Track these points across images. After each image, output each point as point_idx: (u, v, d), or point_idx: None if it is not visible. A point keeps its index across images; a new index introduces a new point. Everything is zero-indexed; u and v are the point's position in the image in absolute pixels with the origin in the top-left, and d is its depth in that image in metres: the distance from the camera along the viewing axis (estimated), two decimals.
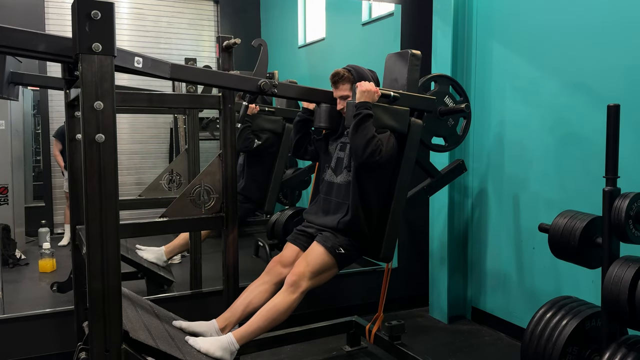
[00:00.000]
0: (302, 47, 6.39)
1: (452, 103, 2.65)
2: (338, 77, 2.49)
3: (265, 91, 2.21)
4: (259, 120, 4.00)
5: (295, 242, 2.59)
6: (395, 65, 2.60)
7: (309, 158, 2.83)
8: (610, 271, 1.89)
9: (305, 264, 2.36)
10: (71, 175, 2.39)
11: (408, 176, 2.47)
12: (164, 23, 6.91)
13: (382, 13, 4.74)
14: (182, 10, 7.02)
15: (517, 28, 3.26)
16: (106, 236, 1.62)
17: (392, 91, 2.39)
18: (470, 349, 3.22)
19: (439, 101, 2.61)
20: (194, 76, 2.10)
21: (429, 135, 2.66)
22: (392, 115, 2.37)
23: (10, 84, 3.09)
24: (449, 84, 2.68)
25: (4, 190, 4.89)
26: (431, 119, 2.61)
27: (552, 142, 3.04)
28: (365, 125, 2.27)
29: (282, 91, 2.28)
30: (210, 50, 7.20)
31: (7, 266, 4.67)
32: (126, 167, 6.57)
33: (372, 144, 2.25)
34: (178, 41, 6.98)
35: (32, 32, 1.68)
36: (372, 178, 2.40)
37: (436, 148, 2.76)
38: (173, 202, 2.78)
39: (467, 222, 3.67)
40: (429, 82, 2.65)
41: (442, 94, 2.63)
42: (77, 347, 1.93)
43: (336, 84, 2.49)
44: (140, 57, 1.83)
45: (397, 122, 2.39)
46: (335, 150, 2.61)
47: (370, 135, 2.26)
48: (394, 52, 2.72)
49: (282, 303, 2.27)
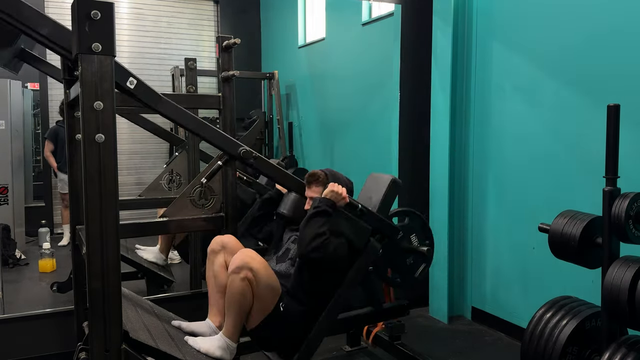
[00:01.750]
0: (302, 47, 6.39)
1: (417, 243, 2.60)
2: (313, 179, 2.44)
3: (244, 159, 2.18)
4: None
5: None
6: (374, 185, 2.56)
7: (261, 238, 2.77)
8: (610, 271, 1.89)
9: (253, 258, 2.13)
10: (71, 175, 2.39)
11: (347, 294, 2.33)
12: (164, 23, 6.91)
13: (382, 13, 4.75)
14: (182, 10, 7.02)
15: (517, 28, 3.26)
16: (106, 236, 1.62)
17: (360, 204, 2.34)
18: (470, 349, 3.22)
19: (405, 236, 2.56)
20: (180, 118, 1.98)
21: (385, 265, 2.56)
22: (352, 226, 2.32)
23: (15, 58, 3.13)
24: (421, 225, 2.64)
25: (4, 190, 4.89)
26: (392, 250, 2.53)
27: (552, 142, 3.04)
28: (319, 219, 2.20)
29: (259, 165, 2.23)
30: (210, 50, 7.21)
31: (7, 266, 4.67)
32: (126, 167, 6.57)
33: (319, 240, 2.15)
34: (178, 41, 6.98)
35: (39, 12, 1.70)
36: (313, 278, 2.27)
37: (388, 279, 2.63)
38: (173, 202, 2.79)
39: (467, 221, 3.67)
40: (401, 214, 2.59)
41: (410, 230, 2.59)
42: (77, 347, 1.93)
43: (310, 184, 2.44)
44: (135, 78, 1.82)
45: (355, 236, 2.33)
46: (288, 240, 2.56)
47: (321, 230, 2.17)
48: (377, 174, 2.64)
49: (234, 291, 2.12)
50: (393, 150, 3.91)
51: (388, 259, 2.54)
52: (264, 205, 2.75)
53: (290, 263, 2.43)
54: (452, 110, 3.58)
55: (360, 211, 2.34)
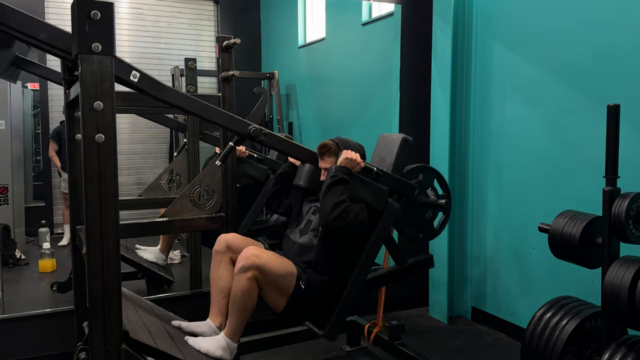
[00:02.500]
0: (302, 47, 6.39)
1: (434, 196, 2.60)
2: (325, 149, 2.46)
3: (254, 137, 2.18)
4: (244, 165, 3.87)
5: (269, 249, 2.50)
6: (385, 146, 2.57)
7: (282, 212, 2.76)
8: (610, 271, 1.89)
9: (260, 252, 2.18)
10: (71, 175, 2.39)
11: (373, 256, 2.37)
12: (164, 23, 6.91)
13: (382, 13, 4.74)
14: (182, 10, 7.02)
15: (517, 28, 3.26)
16: (106, 236, 1.62)
17: (375, 167, 2.36)
18: (470, 349, 3.22)
19: (421, 192, 2.56)
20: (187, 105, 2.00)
21: (405, 222, 2.57)
22: (370, 190, 2.33)
23: (12, 66, 3.12)
24: (435, 178, 2.64)
25: (4, 190, 4.89)
26: (410, 206, 2.54)
27: (552, 141, 3.04)
28: (338, 187, 2.22)
29: (270, 141, 2.24)
30: (210, 50, 7.20)
31: (7, 266, 4.67)
32: (126, 167, 6.57)
33: (340, 208, 2.18)
34: (178, 41, 6.98)
35: (35, 18, 1.69)
36: (337, 246, 2.31)
37: (410, 236, 2.63)
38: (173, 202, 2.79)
39: (466, 221, 3.67)
40: (415, 171, 2.59)
41: (426, 185, 2.59)
42: (77, 347, 1.93)
43: (322, 155, 2.46)
44: (137, 71, 1.82)
45: (374, 199, 2.34)
46: (308, 212, 2.57)
47: (341, 199, 2.20)
48: (388, 133, 2.66)
49: (239, 290, 2.15)
50: None
51: (408, 217, 2.56)
52: (279, 179, 2.72)
53: (313, 234, 2.44)
54: (452, 110, 3.57)
55: (376, 174, 2.36)
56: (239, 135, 2.21)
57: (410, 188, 2.49)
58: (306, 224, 2.53)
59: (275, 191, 2.71)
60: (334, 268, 2.31)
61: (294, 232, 2.54)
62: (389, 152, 2.52)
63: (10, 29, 1.65)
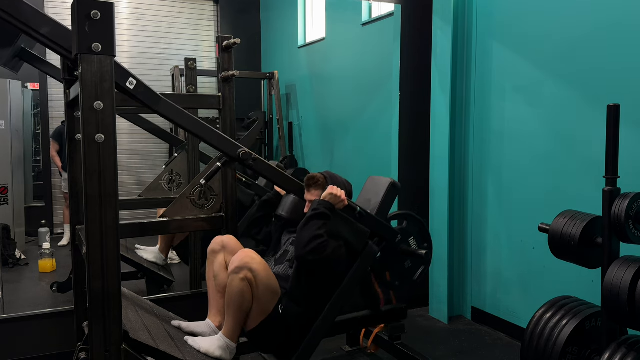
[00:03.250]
0: (302, 47, 6.39)
1: (415, 246, 2.59)
2: (312, 182, 2.43)
3: (242, 161, 2.18)
4: None
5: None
6: (373, 188, 2.55)
7: (260, 239, 2.77)
8: (610, 271, 1.89)
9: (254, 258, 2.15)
10: (71, 175, 2.39)
11: (346, 296, 2.33)
12: (164, 23, 6.91)
13: (382, 13, 4.75)
14: (182, 10, 7.02)
15: (517, 28, 3.26)
16: (106, 236, 1.62)
17: (359, 207, 2.34)
18: (470, 349, 3.22)
19: (403, 239, 2.56)
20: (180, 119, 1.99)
21: (383, 268, 2.56)
22: (350, 229, 2.32)
23: (15, 57, 3.12)
24: (419, 228, 2.63)
25: (4, 190, 4.89)
26: (390, 252, 2.53)
27: (552, 141, 3.04)
28: (317, 222, 2.19)
29: (258, 167, 2.23)
30: (210, 50, 7.21)
31: (7, 266, 4.67)
32: (126, 167, 6.57)
33: (317, 242, 2.14)
34: (178, 41, 6.98)
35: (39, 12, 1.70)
36: (311, 280, 2.28)
37: (386, 282, 2.61)
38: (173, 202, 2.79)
39: (467, 221, 3.67)
40: (400, 217, 2.59)
41: (409, 234, 2.58)
42: (77, 347, 1.93)
43: (309, 187, 2.43)
44: (135, 79, 1.82)
45: (354, 238, 2.32)
46: (287, 242, 2.57)
47: (319, 233, 2.16)
48: (376, 175, 2.65)
49: (234, 291, 2.14)
50: (393, 150, 3.91)
51: (386, 262, 2.53)
52: (263, 207, 2.76)
53: (289, 265, 2.43)
54: (452, 110, 3.58)
55: (359, 214, 2.33)
56: (228, 157, 2.21)
57: (391, 233, 2.46)
58: (282, 253, 2.52)
59: (258, 217, 2.74)
60: (308, 301, 2.27)
61: (270, 262, 2.50)
62: (376, 194, 2.50)
63: (16, 20, 1.65)
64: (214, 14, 7.25)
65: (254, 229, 2.74)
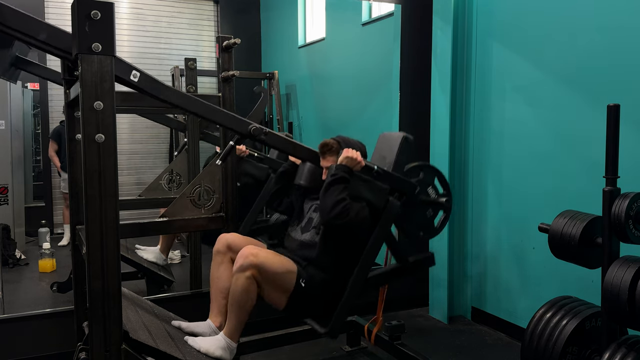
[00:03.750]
0: (302, 47, 6.39)
1: (435, 195, 2.60)
2: (326, 148, 2.46)
3: (255, 136, 2.18)
4: (245, 165, 3.88)
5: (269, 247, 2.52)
6: (386, 144, 2.57)
7: (283, 210, 2.78)
8: (610, 271, 1.89)
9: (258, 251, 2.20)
10: (71, 175, 2.39)
11: (374, 254, 2.37)
12: (164, 23, 6.91)
13: (382, 13, 4.75)
14: (182, 10, 7.02)
15: (517, 28, 3.26)
16: (106, 236, 1.62)
17: (376, 166, 2.36)
18: (470, 349, 3.22)
19: (422, 190, 2.56)
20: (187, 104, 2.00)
21: (405, 220, 2.56)
22: (370, 188, 2.34)
23: (12, 66, 3.11)
24: (435, 176, 2.63)
25: (4, 190, 4.89)
26: (410, 205, 2.53)
27: (552, 141, 3.04)
28: (338, 186, 2.23)
29: (270, 140, 2.24)
30: (210, 50, 7.20)
31: (7, 266, 4.67)
32: (126, 167, 6.57)
33: (340, 206, 2.19)
34: (178, 41, 6.98)
35: (35, 18, 1.69)
36: (338, 244, 2.33)
37: (411, 234, 2.63)
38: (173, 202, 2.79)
39: (467, 221, 3.67)
40: (416, 169, 2.59)
41: (427, 184, 2.58)
42: (77, 347, 1.94)
43: (323, 154, 2.46)
44: (138, 71, 1.82)
45: (374, 197, 2.35)
46: (309, 210, 2.57)
47: (341, 197, 2.20)
48: (388, 132, 2.66)
49: (238, 289, 2.17)
50: None
51: (408, 215, 2.55)
52: (280, 178, 2.74)
53: (315, 231, 2.45)
54: (452, 110, 3.57)
55: (377, 172, 2.36)
56: (239, 135, 2.21)
57: (410, 186, 2.49)
58: (307, 221, 2.53)
59: (277, 190, 2.72)
60: (335, 266, 2.32)
61: (295, 230, 2.54)
62: (390, 150, 2.53)
63: (11, 29, 1.65)
64: (214, 14, 7.25)
65: (274, 201, 2.74)
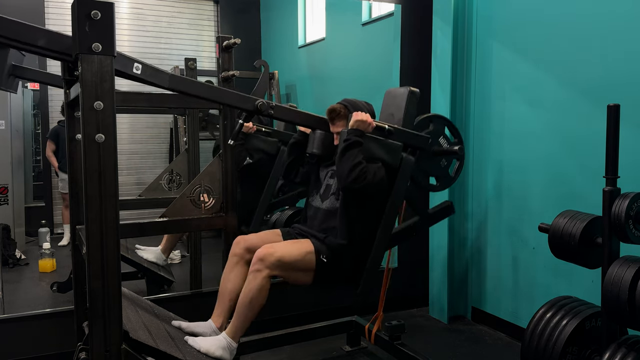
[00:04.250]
0: (302, 47, 6.39)
1: (447, 144, 2.62)
2: (335, 114, 2.47)
3: (262, 111, 2.19)
4: (254, 140, 3.91)
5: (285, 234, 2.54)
6: (393, 101, 2.58)
7: (300, 181, 2.79)
8: (610, 271, 1.89)
9: (274, 248, 2.26)
10: (71, 175, 2.39)
11: (395, 211, 2.42)
12: (164, 23, 6.91)
13: (382, 13, 4.75)
14: (182, 10, 7.02)
15: (517, 28, 3.26)
16: (106, 236, 1.62)
17: (386, 124, 2.38)
18: (470, 349, 3.22)
19: (434, 141, 2.58)
20: (192, 89, 2.04)
21: (421, 174, 2.60)
22: (384, 148, 2.36)
23: (10, 76, 3.09)
24: (445, 125, 2.64)
25: (4, 190, 4.89)
26: (424, 157, 2.56)
27: (552, 141, 3.04)
28: (352, 151, 2.24)
29: (278, 113, 2.25)
30: (210, 50, 7.20)
31: (7, 266, 4.67)
32: (126, 167, 6.57)
33: (357, 170, 2.21)
34: (178, 41, 6.98)
35: (32, 25, 1.68)
36: (359, 207, 2.35)
37: (427, 187, 2.68)
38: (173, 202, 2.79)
39: (467, 221, 3.67)
40: (426, 121, 2.61)
41: (437, 134, 2.59)
42: (77, 347, 1.93)
43: (332, 120, 2.47)
44: (140, 63, 1.82)
45: (389, 156, 2.37)
46: (326, 177, 2.59)
47: (357, 161, 2.23)
48: (393, 88, 2.67)
49: (252, 288, 2.20)
50: None
51: (423, 168, 2.58)
52: (292, 150, 2.74)
53: (335, 197, 2.48)
54: (452, 110, 3.57)
55: (388, 131, 2.38)
56: (246, 112, 2.22)
57: (423, 140, 2.49)
58: (325, 188, 2.55)
59: (290, 162, 2.73)
60: (357, 231, 2.36)
61: (315, 199, 2.57)
62: (397, 107, 2.53)
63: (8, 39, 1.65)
64: (214, 14, 7.25)
65: (291, 173, 2.74)
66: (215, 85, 2.14)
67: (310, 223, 2.54)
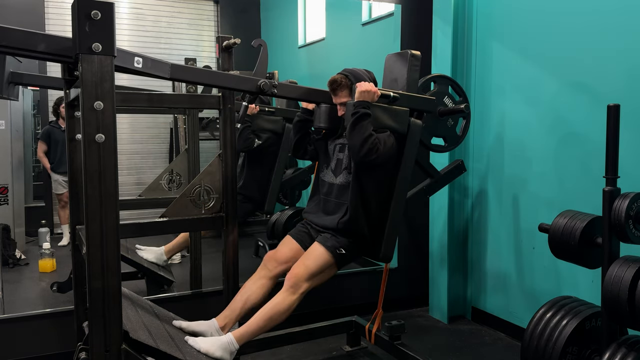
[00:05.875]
0: (302, 47, 6.39)
1: (452, 103, 2.64)
2: (336, 85, 2.47)
3: (264, 91, 2.21)
4: (259, 121, 3.99)
5: (296, 237, 2.59)
6: (394, 66, 2.60)
7: (309, 158, 2.83)
8: (610, 271, 1.89)
9: (304, 266, 2.37)
10: (71, 175, 2.39)
11: (408, 176, 2.47)
12: (164, 23, 6.91)
13: (382, 13, 4.74)
14: (182, 10, 7.02)
15: (517, 28, 3.26)
16: (106, 236, 1.62)
17: (391, 91, 2.39)
18: (470, 349, 3.22)
19: (439, 101, 2.61)
20: (193, 76, 2.10)
21: (429, 136, 2.65)
22: (391, 115, 2.37)
23: (10, 83, 3.08)
24: (448, 85, 2.67)
25: (4, 190, 4.88)
26: (431, 119, 2.60)
27: (552, 141, 3.04)
28: (362, 123, 2.26)
29: (281, 91, 2.28)
30: (210, 50, 7.20)
31: (7, 266, 4.66)
32: (126, 167, 6.57)
33: (369, 143, 2.24)
34: (178, 41, 6.98)
35: (31, 31, 1.68)
36: (372, 178, 2.39)
37: (436, 148, 2.76)
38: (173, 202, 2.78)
39: (467, 221, 3.67)
40: (428, 83, 2.64)
41: (442, 94, 2.63)
42: (77, 347, 1.94)
43: (335, 91, 2.48)
44: (140, 57, 1.83)
45: (397, 122, 2.39)
46: (335, 151, 2.61)
47: (367, 133, 2.25)
48: (393, 52, 2.71)
49: (282, 304, 2.28)
50: None
51: (430, 130, 2.61)
52: (298, 127, 2.74)
53: (347, 172, 2.49)
54: None
55: (394, 98, 2.38)
56: (250, 93, 2.23)
57: (429, 103, 2.51)
58: (336, 163, 2.57)
59: (298, 139, 2.74)
60: (371, 202, 2.40)
61: (327, 174, 2.59)
62: (400, 71, 2.54)
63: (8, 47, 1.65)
64: (214, 14, 7.25)
65: (299, 150, 2.75)
66: (215, 70, 2.15)
67: (324, 204, 2.57)
